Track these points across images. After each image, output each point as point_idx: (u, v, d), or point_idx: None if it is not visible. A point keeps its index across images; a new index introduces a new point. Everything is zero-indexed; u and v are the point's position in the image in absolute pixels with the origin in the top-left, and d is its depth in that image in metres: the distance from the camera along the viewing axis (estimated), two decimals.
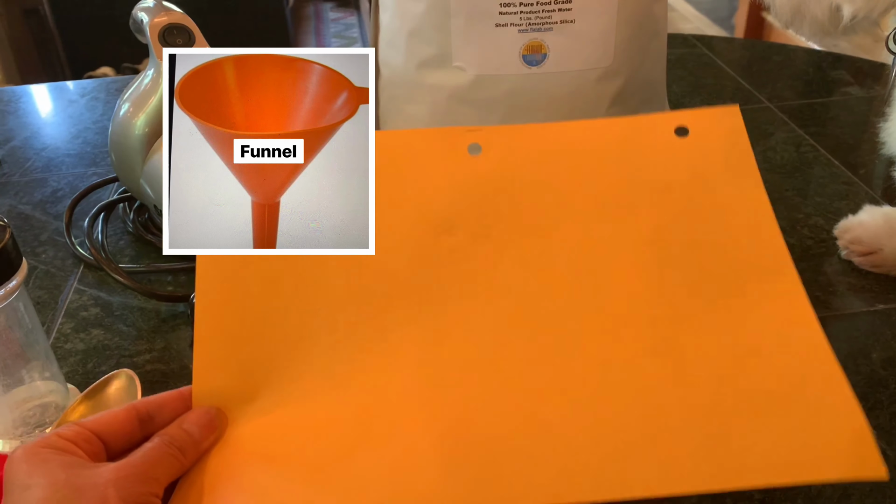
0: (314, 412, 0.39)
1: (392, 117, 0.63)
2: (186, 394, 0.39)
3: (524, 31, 0.55)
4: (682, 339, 0.40)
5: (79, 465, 0.33)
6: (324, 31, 3.63)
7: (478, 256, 0.43)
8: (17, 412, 0.48)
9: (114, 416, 0.37)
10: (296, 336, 0.41)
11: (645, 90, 0.60)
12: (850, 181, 0.76)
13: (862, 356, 0.55)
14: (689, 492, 0.36)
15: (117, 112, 0.67)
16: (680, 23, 3.41)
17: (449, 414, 0.38)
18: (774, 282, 0.41)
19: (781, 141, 0.84)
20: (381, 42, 0.61)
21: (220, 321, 0.42)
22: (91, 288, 0.64)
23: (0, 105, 0.99)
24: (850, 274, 0.63)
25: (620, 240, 0.43)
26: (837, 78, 0.99)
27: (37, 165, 0.84)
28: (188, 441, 0.37)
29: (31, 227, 0.73)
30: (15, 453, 0.34)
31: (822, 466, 0.35)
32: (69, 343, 0.58)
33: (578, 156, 0.45)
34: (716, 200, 0.44)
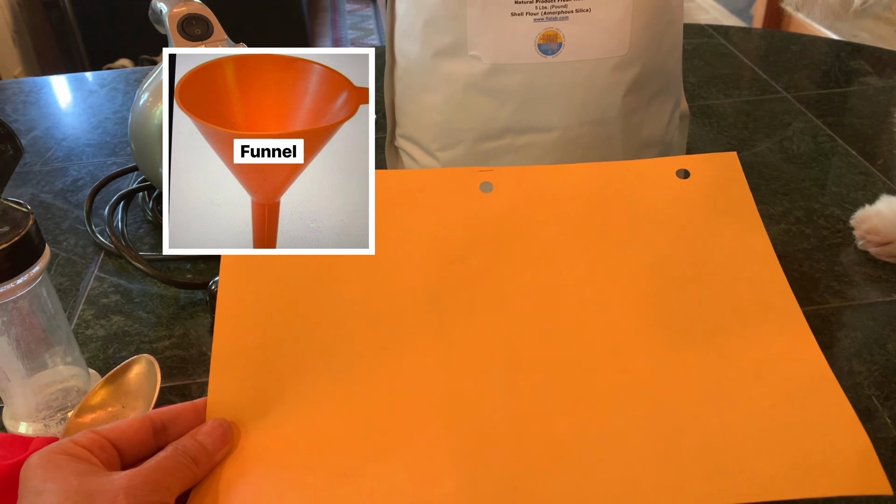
0: (328, 426, 0.40)
1: (408, 106, 0.63)
2: (200, 406, 0.40)
3: (540, 20, 0.55)
4: (689, 362, 0.41)
5: (92, 473, 0.34)
6: (340, 22, 3.63)
7: (488, 283, 0.45)
8: (40, 396, 0.49)
9: (129, 425, 0.37)
10: (312, 354, 0.42)
11: (660, 79, 0.60)
12: (867, 171, 0.76)
13: (878, 346, 0.55)
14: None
15: (137, 102, 0.67)
16: (698, 14, 3.39)
17: (463, 431, 0.39)
18: (776, 310, 0.43)
19: (799, 131, 0.83)
20: (396, 32, 0.62)
21: (238, 336, 0.43)
22: (111, 275, 0.65)
23: (21, 95, 1.01)
24: (867, 264, 0.63)
25: (625, 269, 0.45)
26: (856, 68, 0.98)
27: (58, 155, 0.85)
28: (201, 452, 0.37)
29: (52, 216, 0.74)
30: (31, 459, 0.34)
31: (828, 482, 0.36)
32: (90, 329, 0.59)
33: (585, 194, 0.48)
34: (717, 236, 0.46)
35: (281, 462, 0.38)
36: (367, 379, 0.41)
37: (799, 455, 0.37)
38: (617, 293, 0.44)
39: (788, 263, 0.63)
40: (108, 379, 0.49)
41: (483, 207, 0.47)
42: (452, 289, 0.44)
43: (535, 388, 0.40)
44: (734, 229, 0.46)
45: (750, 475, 0.36)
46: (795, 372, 0.40)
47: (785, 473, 0.36)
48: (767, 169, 0.76)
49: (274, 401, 0.40)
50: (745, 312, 0.43)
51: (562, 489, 0.37)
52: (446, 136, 0.60)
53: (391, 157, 0.68)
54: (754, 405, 0.39)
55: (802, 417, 0.38)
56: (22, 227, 0.43)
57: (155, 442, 0.38)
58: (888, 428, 0.49)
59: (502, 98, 0.58)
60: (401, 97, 0.63)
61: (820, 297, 0.59)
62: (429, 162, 0.62)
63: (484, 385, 0.41)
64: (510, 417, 0.39)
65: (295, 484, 0.37)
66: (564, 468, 0.37)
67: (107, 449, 0.36)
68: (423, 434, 0.39)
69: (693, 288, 0.44)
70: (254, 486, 0.37)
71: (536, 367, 0.41)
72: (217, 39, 0.64)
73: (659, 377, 0.40)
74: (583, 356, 0.42)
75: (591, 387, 0.40)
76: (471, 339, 0.43)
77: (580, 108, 0.58)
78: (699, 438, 0.38)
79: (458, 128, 0.60)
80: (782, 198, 0.72)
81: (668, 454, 0.37)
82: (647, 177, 0.48)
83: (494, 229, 0.47)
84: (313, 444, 0.39)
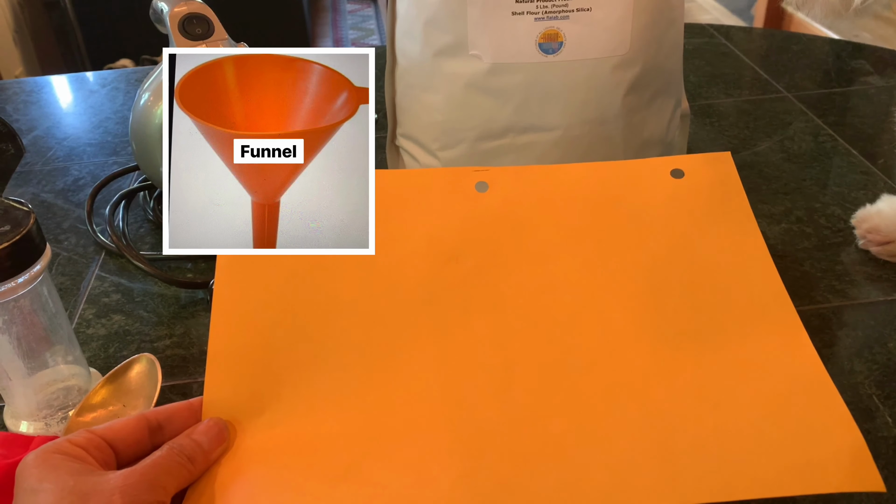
0: (324, 426, 0.40)
1: (409, 106, 0.63)
2: (196, 405, 0.40)
3: (540, 20, 0.55)
4: (683, 361, 0.41)
5: (87, 472, 0.34)
6: (341, 22, 3.63)
7: (483, 282, 0.45)
8: (42, 395, 0.49)
9: (124, 424, 0.37)
10: (308, 353, 0.42)
11: (661, 79, 0.60)
12: (868, 171, 0.75)
13: (879, 345, 0.55)
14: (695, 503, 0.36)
15: (137, 101, 0.68)
16: (699, 14, 3.39)
17: (459, 430, 0.39)
18: (770, 309, 0.43)
19: (800, 131, 0.83)
20: (397, 31, 0.62)
21: (233, 335, 0.43)
22: (112, 275, 0.65)
23: (23, 95, 1.01)
24: (868, 263, 0.63)
25: (620, 270, 0.45)
26: (857, 68, 0.98)
27: (59, 154, 0.85)
28: (197, 451, 0.37)
29: (53, 216, 0.74)
30: (28, 458, 0.34)
31: (822, 478, 0.36)
32: (91, 328, 0.59)
33: (580, 193, 0.48)
34: (711, 236, 0.46)
35: (277, 462, 0.38)
36: (363, 378, 0.41)
37: (793, 452, 0.37)
38: (611, 294, 0.44)
39: (789, 263, 0.63)
40: (109, 378, 0.49)
41: (478, 207, 0.48)
42: (448, 288, 0.44)
43: (529, 387, 0.41)
44: (728, 229, 0.46)
45: (744, 472, 0.36)
46: (789, 371, 0.40)
47: (779, 470, 0.36)
48: (768, 168, 0.76)
49: (270, 400, 0.40)
50: (739, 312, 0.43)
51: (557, 487, 0.37)
52: (447, 136, 0.61)
53: (392, 156, 0.68)
54: (748, 404, 0.39)
55: (796, 415, 0.38)
56: (23, 227, 0.43)
57: (151, 441, 0.38)
58: (889, 427, 0.49)
59: (503, 97, 0.58)
60: (402, 97, 0.64)
61: (821, 296, 0.59)
62: (430, 161, 0.62)
63: (479, 384, 0.41)
64: (506, 416, 0.40)
65: (290, 484, 0.37)
66: (559, 467, 0.37)
67: (103, 448, 0.36)
68: (418, 434, 0.39)
69: (687, 288, 0.44)
70: (249, 485, 0.37)
71: (531, 366, 0.41)
72: (218, 39, 0.64)
73: (653, 377, 0.41)
74: (577, 356, 0.42)
75: (585, 386, 0.40)
76: (466, 338, 0.43)
77: (581, 107, 0.58)
78: (693, 437, 0.38)
79: (458, 127, 0.60)
80: (783, 197, 0.72)
81: (663, 452, 0.37)
82: (641, 177, 0.48)
83: (489, 229, 0.47)
84: (309, 444, 0.39)
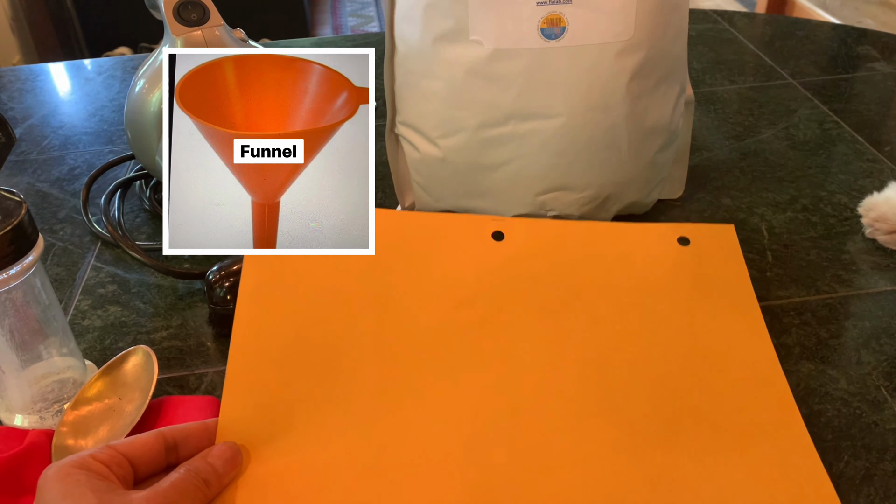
0: (334, 458, 0.41)
1: (408, 93, 0.62)
2: (211, 426, 0.41)
3: (542, 4, 0.54)
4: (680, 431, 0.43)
5: (110, 490, 0.34)
6: (340, 9, 3.61)
7: (493, 329, 0.47)
8: (36, 388, 0.48)
9: (144, 441, 0.38)
10: (322, 385, 0.43)
11: (666, 65, 0.59)
12: (874, 158, 0.74)
13: (886, 335, 0.54)
14: None
15: (132, 89, 0.66)
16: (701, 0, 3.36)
17: (467, 470, 0.40)
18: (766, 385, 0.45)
19: (804, 118, 0.82)
20: (396, 16, 0.61)
21: (251, 361, 0.44)
22: (108, 265, 0.64)
23: (17, 83, 1.00)
24: (874, 252, 0.62)
25: (624, 328, 0.48)
26: (862, 53, 0.97)
27: (54, 143, 0.84)
28: (212, 474, 0.38)
29: (48, 205, 0.73)
30: (49, 472, 0.35)
31: None
32: (87, 320, 0.59)
33: (591, 252, 0.51)
34: (712, 301, 0.49)
35: (288, 491, 0.39)
36: (374, 414, 0.43)
37: None
38: (614, 350, 0.46)
39: (795, 252, 0.62)
40: (105, 370, 0.48)
41: (494, 256, 0.50)
42: (459, 332, 0.46)
43: (533, 437, 0.42)
44: (729, 301, 0.50)
45: None
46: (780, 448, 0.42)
47: None
48: (773, 156, 0.75)
49: (283, 428, 0.42)
50: (735, 386, 0.45)
51: None
52: (447, 124, 0.59)
53: (391, 144, 0.67)
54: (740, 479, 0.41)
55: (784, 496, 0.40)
56: (15, 217, 0.42)
57: (166, 459, 0.39)
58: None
59: (504, 84, 0.57)
60: (401, 84, 0.62)
61: (827, 286, 0.59)
62: (430, 149, 0.61)
63: (486, 428, 0.42)
64: (512, 461, 0.41)
65: None
66: None
67: (123, 465, 0.37)
68: (426, 472, 0.40)
69: (686, 357, 0.46)
70: None
71: (535, 416, 0.43)
72: (214, 25, 0.63)
73: (654, 438, 0.42)
74: (579, 410, 0.43)
75: (587, 441, 0.42)
76: (474, 382, 0.44)
77: (584, 93, 0.57)
78: None
79: (459, 115, 0.59)
80: (788, 185, 0.71)
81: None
82: (650, 240, 0.52)
83: (503, 278, 0.49)
84: (320, 476, 0.40)
